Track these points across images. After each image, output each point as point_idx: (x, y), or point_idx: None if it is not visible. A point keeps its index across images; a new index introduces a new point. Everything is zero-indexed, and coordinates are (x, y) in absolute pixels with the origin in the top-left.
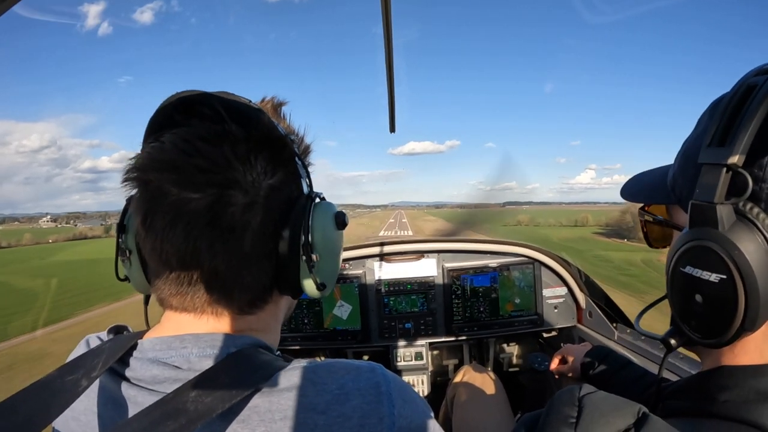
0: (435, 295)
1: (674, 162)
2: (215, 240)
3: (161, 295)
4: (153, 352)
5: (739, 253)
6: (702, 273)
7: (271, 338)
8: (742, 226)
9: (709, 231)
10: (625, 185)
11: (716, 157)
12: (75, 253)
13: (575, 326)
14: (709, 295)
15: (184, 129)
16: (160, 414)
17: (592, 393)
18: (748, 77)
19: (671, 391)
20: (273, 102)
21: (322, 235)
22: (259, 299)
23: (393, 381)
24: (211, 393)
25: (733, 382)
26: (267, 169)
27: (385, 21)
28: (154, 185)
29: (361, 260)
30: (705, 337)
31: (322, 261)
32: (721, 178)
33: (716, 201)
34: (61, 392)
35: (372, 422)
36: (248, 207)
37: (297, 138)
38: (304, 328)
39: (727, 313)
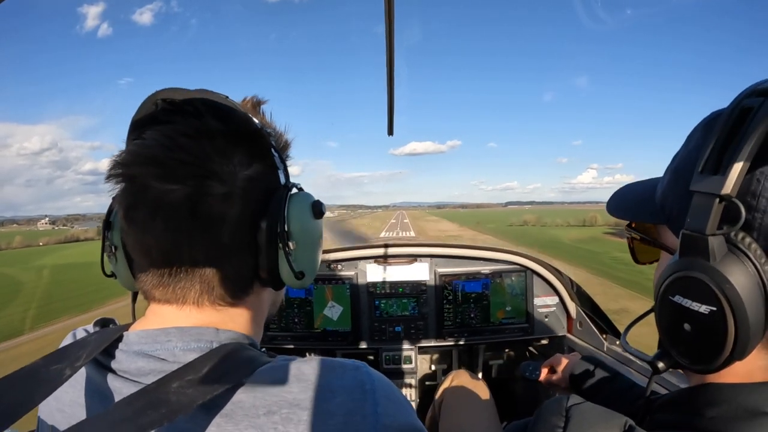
0: (426, 300)
1: (663, 177)
2: (194, 231)
3: (144, 287)
4: (138, 345)
5: (730, 287)
6: (692, 304)
7: (255, 333)
8: (733, 258)
9: (700, 262)
10: (611, 199)
11: (709, 186)
12: (61, 256)
13: (565, 336)
14: (698, 325)
15: (166, 126)
16: (141, 404)
17: (579, 404)
18: (743, 98)
19: (659, 405)
20: (253, 100)
21: (299, 224)
22: (240, 290)
23: (378, 379)
24: (193, 385)
25: (721, 398)
26: (244, 161)
27: (387, 25)
28: (137, 180)
29: (354, 262)
30: (693, 363)
31: (299, 249)
32: (714, 209)
33: (708, 232)
34: (45, 380)
35: (356, 420)
36: (226, 197)
37: (275, 133)
38: (294, 327)
39: (717, 344)
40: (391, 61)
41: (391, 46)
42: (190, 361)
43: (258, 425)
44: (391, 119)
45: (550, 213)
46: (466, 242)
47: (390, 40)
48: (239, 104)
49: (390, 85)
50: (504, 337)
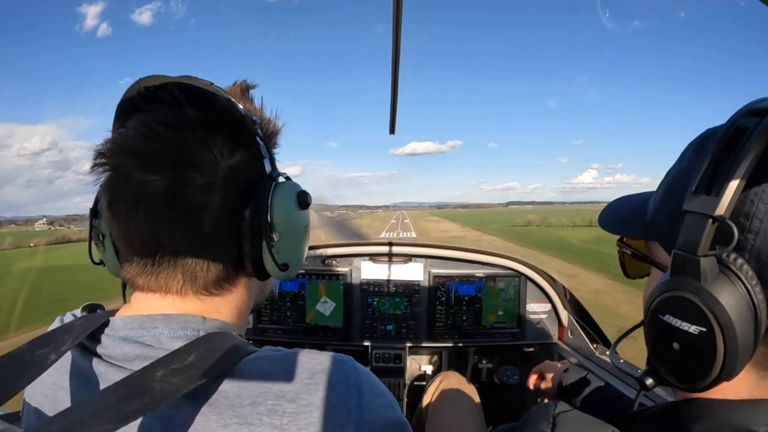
0: (419, 300)
1: (656, 192)
2: (174, 221)
3: (128, 276)
4: (124, 331)
5: (720, 308)
6: (681, 324)
7: (240, 322)
8: (724, 279)
9: (691, 283)
10: (603, 213)
11: (702, 207)
12: (46, 258)
13: (556, 343)
14: (687, 345)
15: (147, 114)
16: (125, 392)
17: (567, 411)
18: (738, 117)
19: (645, 417)
20: (242, 85)
21: (283, 215)
22: (223, 280)
23: (363, 374)
24: (178, 374)
25: (707, 413)
26: (225, 150)
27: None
28: (119, 170)
29: (349, 258)
30: (680, 382)
31: (283, 240)
32: (706, 229)
33: (700, 254)
34: (30, 365)
35: (340, 413)
36: (206, 187)
37: (263, 120)
38: (286, 321)
39: (705, 364)
40: (397, 60)
41: (397, 45)
42: (175, 348)
43: (242, 415)
44: (394, 118)
45: (554, 213)
46: (469, 243)
47: (396, 39)
48: (224, 90)
49: (394, 84)
50: (495, 341)
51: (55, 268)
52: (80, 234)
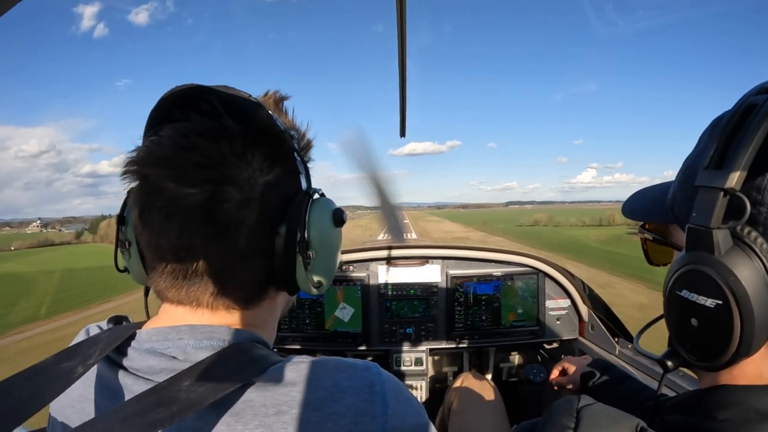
0: (437, 301)
1: (675, 179)
2: (210, 236)
3: (158, 288)
4: (150, 343)
5: (735, 279)
6: (698, 297)
7: (267, 334)
8: (738, 251)
9: (705, 256)
10: (626, 201)
11: (713, 181)
12: (20, 263)
13: (577, 339)
14: (704, 319)
15: (182, 124)
16: (152, 401)
17: (590, 405)
18: (749, 96)
19: (669, 406)
20: (275, 96)
21: (319, 232)
22: (254, 296)
23: (388, 380)
24: (204, 383)
25: (733, 400)
26: (264, 166)
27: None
28: (151, 180)
29: (365, 263)
30: (700, 360)
31: (318, 258)
32: (718, 202)
33: (713, 226)
34: (57, 378)
35: (365, 420)
36: (244, 204)
37: (297, 134)
38: (305, 328)
39: (723, 338)
40: (403, 64)
41: (403, 49)
42: (201, 359)
43: (268, 425)
44: (404, 121)
45: (561, 212)
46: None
47: (402, 43)
48: (262, 102)
49: (402, 89)
50: (515, 339)
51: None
52: (63, 236)
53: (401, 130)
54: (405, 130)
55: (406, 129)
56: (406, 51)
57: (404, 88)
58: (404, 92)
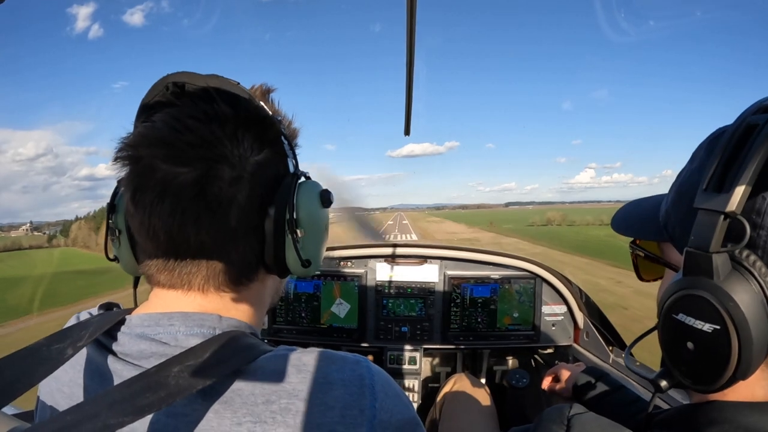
0: (434, 301)
1: (668, 194)
2: (202, 213)
3: (149, 272)
4: (141, 328)
5: (734, 305)
6: (695, 322)
7: (257, 321)
8: (738, 276)
9: (703, 281)
10: (616, 216)
11: (713, 204)
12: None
13: (571, 345)
14: (701, 344)
15: (175, 108)
16: (140, 386)
17: (581, 413)
18: (748, 114)
19: (660, 420)
20: (262, 88)
21: (307, 212)
22: (244, 276)
23: (377, 374)
24: (194, 371)
25: (723, 417)
26: (254, 146)
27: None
28: (144, 162)
29: (364, 260)
30: (695, 383)
31: (306, 237)
32: (718, 226)
33: (712, 250)
34: (47, 359)
35: (353, 413)
36: (235, 181)
37: (284, 120)
38: (300, 322)
39: (719, 363)
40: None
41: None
42: (191, 346)
43: (256, 413)
44: (408, 119)
45: (574, 211)
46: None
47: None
48: (249, 91)
49: (409, 86)
50: (509, 343)
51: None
52: (33, 240)
53: (406, 127)
54: (410, 128)
55: (411, 127)
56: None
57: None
58: (411, 89)
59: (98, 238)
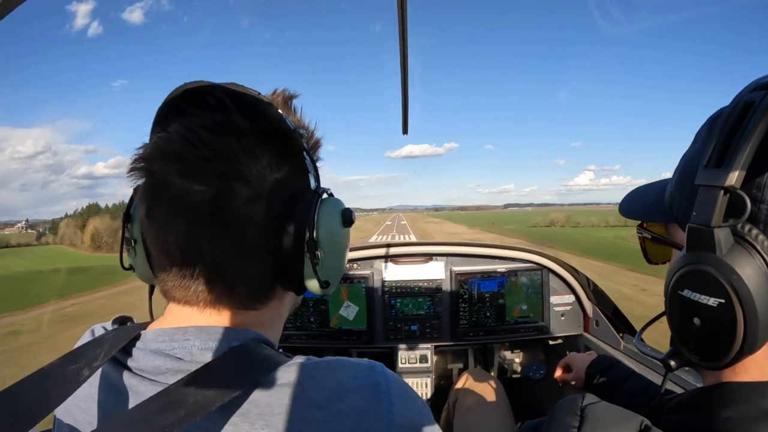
0: (442, 299)
1: (672, 178)
2: (218, 232)
3: (164, 287)
4: (155, 343)
5: (737, 278)
6: (700, 297)
7: (273, 334)
8: (740, 250)
9: (706, 255)
10: (623, 201)
11: (714, 179)
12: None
13: (581, 335)
14: (707, 319)
15: (191, 119)
16: (159, 405)
17: (594, 403)
18: (746, 93)
19: (674, 405)
20: (284, 94)
21: (327, 232)
22: (261, 294)
23: (393, 380)
24: (212, 386)
25: (736, 398)
26: (273, 163)
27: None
28: (158, 176)
29: (370, 261)
30: (703, 360)
31: (326, 258)
32: (719, 200)
33: (714, 225)
34: (63, 381)
35: (370, 420)
36: (252, 200)
37: (306, 132)
38: (309, 326)
39: (726, 338)
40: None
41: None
42: (207, 361)
43: (273, 424)
44: (406, 118)
45: (578, 213)
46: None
47: (403, 39)
48: (271, 99)
49: (404, 85)
50: (519, 336)
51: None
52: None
53: (404, 127)
54: (407, 127)
55: (408, 126)
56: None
57: (406, 84)
58: (406, 88)
59: (84, 236)
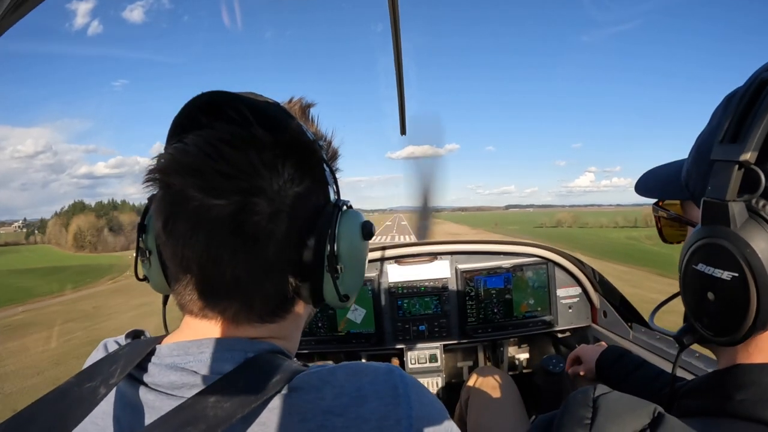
0: (449, 297)
1: (688, 156)
2: (238, 248)
3: (181, 301)
4: (171, 358)
5: (751, 251)
6: (714, 271)
7: (290, 345)
8: (754, 224)
9: (721, 229)
10: (639, 180)
11: (728, 154)
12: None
13: (590, 326)
14: (721, 292)
15: (209, 131)
16: (179, 421)
17: (606, 393)
18: (762, 72)
19: (686, 390)
20: (301, 103)
21: (348, 246)
22: (280, 308)
23: (410, 383)
24: (230, 398)
25: (750, 380)
26: (294, 177)
27: (393, 23)
28: (176, 189)
29: (374, 263)
30: (717, 335)
31: (346, 272)
32: (733, 175)
33: (728, 199)
34: (79, 401)
35: (389, 424)
36: (273, 216)
37: (325, 143)
38: (317, 331)
39: (739, 312)
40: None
41: (398, 46)
42: (224, 373)
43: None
44: (403, 118)
45: (586, 213)
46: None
47: (396, 40)
48: (289, 110)
49: (400, 85)
50: (528, 330)
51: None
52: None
53: (401, 127)
54: (405, 127)
55: (406, 126)
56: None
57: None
58: (402, 89)
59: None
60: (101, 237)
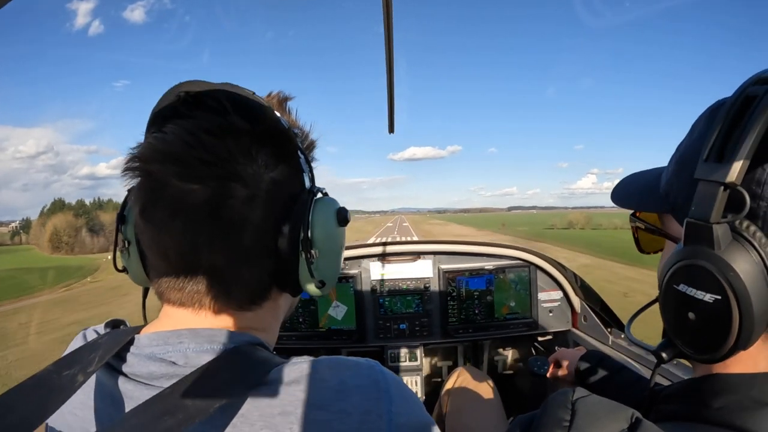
0: (431, 297)
1: (668, 166)
2: (215, 233)
3: (159, 289)
4: (150, 348)
5: (734, 275)
6: (696, 292)
7: (270, 337)
8: (738, 246)
9: (704, 250)
10: (615, 188)
11: (713, 174)
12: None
13: (570, 330)
14: (702, 314)
15: (188, 121)
16: (157, 410)
17: (585, 396)
18: (747, 86)
19: (664, 396)
20: (279, 96)
21: (322, 231)
22: (258, 296)
23: (391, 378)
24: (209, 389)
25: (727, 388)
26: (269, 163)
27: (386, 19)
28: (155, 177)
29: (358, 260)
30: (697, 353)
31: (321, 258)
32: (718, 196)
33: (713, 221)
34: (57, 389)
35: (372, 418)
36: (249, 200)
37: (301, 132)
38: (299, 327)
39: (721, 333)
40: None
41: (390, 42)
42: (203, 364)
43: (273, 425)
44: (392, 116)
45: (598, 215)
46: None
47: (389, 36)
48: (266, 100)
49: (390, 83)
50: (509, 332)
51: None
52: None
53: (390, 125)
54: (393, 125)
55: (394, 125)
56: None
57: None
58: (392, 86)
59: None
60: (78, 238)
